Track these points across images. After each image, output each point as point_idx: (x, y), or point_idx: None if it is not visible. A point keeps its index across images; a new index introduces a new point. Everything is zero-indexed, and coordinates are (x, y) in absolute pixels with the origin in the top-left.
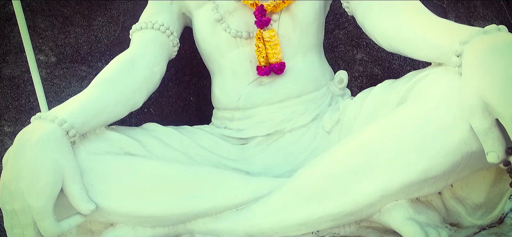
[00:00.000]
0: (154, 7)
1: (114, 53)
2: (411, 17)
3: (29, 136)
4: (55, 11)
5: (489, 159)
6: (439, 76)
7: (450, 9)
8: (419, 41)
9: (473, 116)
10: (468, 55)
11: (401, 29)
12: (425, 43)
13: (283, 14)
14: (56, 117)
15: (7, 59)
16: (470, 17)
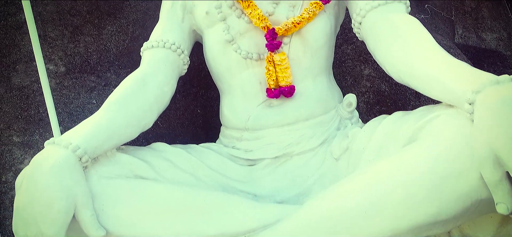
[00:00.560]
0: (165, 24)
1: (122, 63)
2: (423, 53)
3: (43, 162)
4: (65, 20)
5: (499, 209)
6: (451, 119)
7: (458, 20)
8: (432, 82)
9: (484, 167)
10: (480, 105)
11: (413, 66)
12: (438, 85)
13: (294, 37)
14: (70, 143)
15: (17, 68)
16: (477, 28)
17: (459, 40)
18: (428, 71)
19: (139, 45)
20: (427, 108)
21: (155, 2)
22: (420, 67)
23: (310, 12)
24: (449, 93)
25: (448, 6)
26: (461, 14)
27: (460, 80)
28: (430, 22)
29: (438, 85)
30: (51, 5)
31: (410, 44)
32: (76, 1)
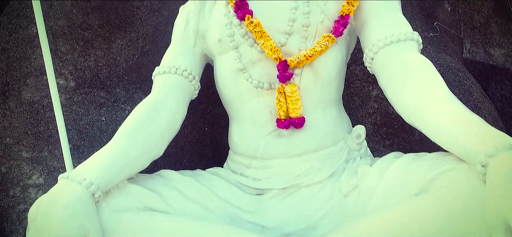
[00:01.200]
0: (177, 49)
1: (132, 79)
2: (437, 103)
3: (58, 198)
4: (76, 34)
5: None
6: (463, 177)
7: (466, 35)
8: (444, 135)
9: (495, 233)
10: (494, 170)
11: (425, 114)
12: (450, 139)
13: (305, 69)
14: (84, 179)
15: (28, 82)
16: (485, 44)
17: (466, 55)
18: (441, 123)
19: (149, 61)
20: (439, 157)
21: (165, 17)
22: (433, 118)
23: (323, 46)
24: (462, 150)
25: (457, 23)
26: (470, 29)
27: (474, 139)
28: (439, 41)
29: (450, 139)
30: (62, 19)
31: (423, 90)
32: (88, 15)
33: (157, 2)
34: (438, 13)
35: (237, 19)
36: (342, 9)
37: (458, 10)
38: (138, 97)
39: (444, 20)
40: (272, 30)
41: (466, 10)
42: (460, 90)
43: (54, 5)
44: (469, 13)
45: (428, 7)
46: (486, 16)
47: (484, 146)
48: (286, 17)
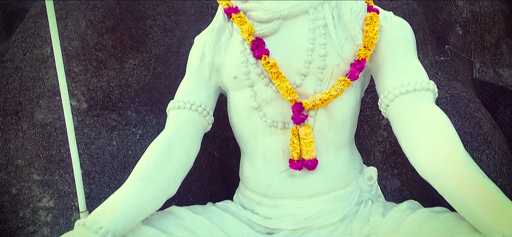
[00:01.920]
0: (191, 83)
1: (143, 100)
2: (453, 165)
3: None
4: (90, 55)
5: None
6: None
7: (476, 55)
8: (460, 201)
9: None
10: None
11: (441, 175)
12: (466, 208)
13: (320, 111)
14: (100, 227)
15: (40, 102)
16: (495, 64)
17: (476, 74)
18: (457, 189)
19: (161, 83)
20: (454, 220)
21: (178, 38)
22: (449, 181)
23: (338, 90)
24: (478, 223)
25: (468, 47)
26: (480, 49)
27: (490, 213)
28: (449, 65)
29: (466, 208)
30: (76, 40)
31: (439, 151)
32: (102, 36)
33: (170, 22)
34: (449, 36)
35: (254, 58)
36: (359, 53)
37: (469, 31)
38: (149, 120)
39: (455, 44)
40: (288, 70)
41: (477, 30)
42: (470, 123)
43: (68, 26)
44: (480, 33)
45: (440, 30)
46: (497, 36)
47: (500, 224)
48: (303, 59)
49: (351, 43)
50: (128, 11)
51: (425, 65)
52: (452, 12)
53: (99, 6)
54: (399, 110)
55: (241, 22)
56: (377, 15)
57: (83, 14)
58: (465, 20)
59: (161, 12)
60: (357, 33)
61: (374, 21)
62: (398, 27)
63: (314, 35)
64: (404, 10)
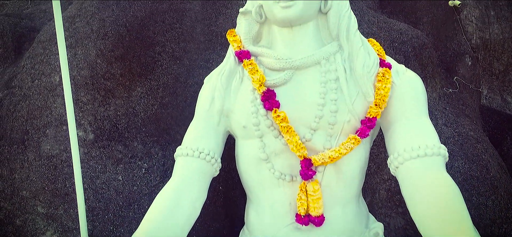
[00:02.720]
0: (200, 128)
1: (149, 131)
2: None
3: None
4: (98, 84)
5: None
6: None
7: (484, 81)
8: None
9: None
10: None
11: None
12: None
13: (328, 166)
14: None
15: (47, 132)
16: (503, 91)
17: (483, 101)
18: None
19: (168, 114)
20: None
21: (186, 68)
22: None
23: (348, 148)
24: None
25: (477, 78)
26: (488, 75)
27: None
28: (457, 97)
29: None
30: (86, 70)
31: (448, 228)
32: (111, 65)
33: (179, 50)
34: (458, 67)
35: (264, 109)
36: (370, 110)
37: (478, 58)
38: (155, 153)
39: (464, 75)
40: (298, 124)
41: (486, 57)
42: (477, 166)
43: (78, 54)
44: (489, 60)
45: (449, 60)
46: (506, 64)
47: None
48: (313, 113)
49: (362, 99)
50: (137, 39)
51: (433, 99)
52: (462, 42)
53: (110, 34)
54: (409, 175)
55: (252, 71)
56: (389, 72)
57: (94, 42)
58: (474, 46)
59: (170, 38)
60: (369, 90)
61: (386, 78)
62: (410, 84)
63: (325, 89)
64: (413, 43)
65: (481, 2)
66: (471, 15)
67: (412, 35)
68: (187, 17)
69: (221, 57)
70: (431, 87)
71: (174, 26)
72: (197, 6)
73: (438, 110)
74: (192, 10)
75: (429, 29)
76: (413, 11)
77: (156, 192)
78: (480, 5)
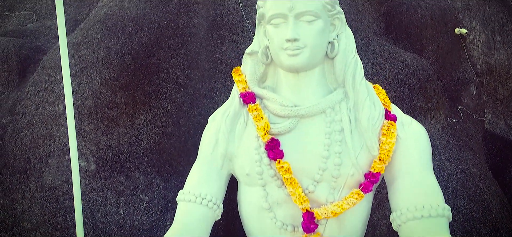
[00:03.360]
0: (203, 171)
1: (152, 161)
2: None
3: None
4: (102, 114)
5: None
6: None
7: (488, 106)
8: None
9: None
10: None
11: None
12: None
13: (331, 219)
14: None
15: (50, 162)
16: (507, 116)
17: (487, 125)
18: None
19: (170, 144)
20: None
21: (190, 96)
22: None
23: (350, 203)
24: None
25: (481, 107)
26: (493, 100)
27: None
28: (461, 128)
29: None
30: (90, 99)
31: None
32: (115, 94)
33: (184, 77)
34: (463, 96)
35: (268, 158)
36: (374, 165)
37: (483, 83)
38: (156, 185)
39: (468, 104)
40: (301, 174)
41: (491, 82)
42: (479, 206)
43: (83, 83)
44: (493, 85)
45: (454, 89)
46: (510, 89)
47: None
48: (317, 165)
49: (366, 152)
50: (142, 66)
51: (437, 131)
52: (467, 70)
53: (115, 63)
54: (411, 235)
55: (257, 117)
56: (394, 125)
57: (99, 71)
58: (479, 71)
59: (175, 65)
60: (373, 143)
61: (391, 132)
62: (415, 139)
63: (330, 140)
64: (419, 75)
65: (488, 27)
66: (477, 40)
67: (417, 66)
68: (192, 42)
69: (225, 86)
70: (435, 119)
71: (179, 51)
72: (202, 31)
73: (441, 144)
74: (197, 35)
75: (435, 57)
76: (418, 39)
77: (156, 227)
78: (486, 30)
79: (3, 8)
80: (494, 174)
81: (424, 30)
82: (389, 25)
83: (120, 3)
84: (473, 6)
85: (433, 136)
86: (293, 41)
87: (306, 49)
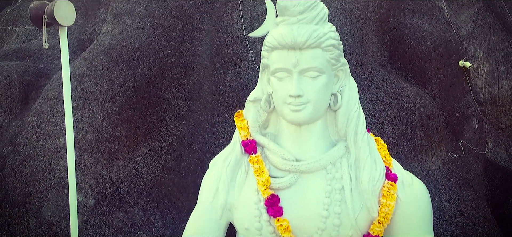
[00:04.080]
0: (202, 220)
1: (151, 196)
2: None
3: None
4: (103, 148)
5: None
6: None
7: (490, 135)
8: None
9: None
10: None
11: None
12: None
13: None
14: None
15: (49, 197)
16: (508, 145)
17: (488, 154)
18: None
19: (170, 180)
20: None
21: (191, 130)
22: None
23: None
24: None
25: (482, 141)
26: (495, 129)
27: None
28: (462, 163)
29: None
30: (91, 133)
31: None
32: (117, 127)
33: (186, 108)
34: (465, 130)
35: (267, 214)
36: (373, 227)
37: (485, 111)
38: (155, 221)
39: (470, 139)
40: (300, 232)
41: (493, 111)
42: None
43: (84, 117)
44: (496, 114)
45: (456, 123)
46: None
47: None
48: (316, 225)
49: (366, 212)
50: (144, 98)
51: (438, 168)
52: (470, 103)
53: (117, 97)
54: None
55: (258, 171)
56: (395, 186)
57: (101, 105)
58: (482, 100)
59: (177, 95)
60: (373, 205)
61: (391, 193)
62: (416, 202)
63: (329, 200)
64: (421, 113)
65: (492, 56)
66: (481, 68)
67: (420, 104)
68: (195, 72)
69: (226, 121)
70: (436, 156)
71: (182, 81)
72: (206, 60)
73: (442, 183)
74: (200, 64)
75: (438, 90)
76: (422, 71)
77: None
78: (490, 59)
79: (7, 22)
80: (494, 206)
81: (428, 62)
82: (393, 55)
83: (124, 31)
84: (478, 34)
85: (434, 174)
86: (296, 97)
87: (309, 105)
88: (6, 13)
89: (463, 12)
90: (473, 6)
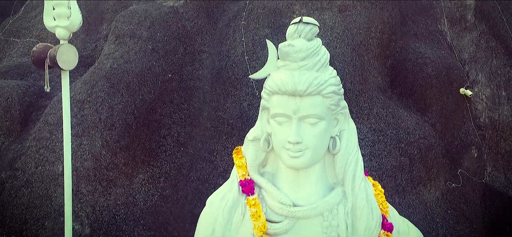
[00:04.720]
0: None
1: (147, 224)
2: None
3: None
4: (100, 176)
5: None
6: None
7: (489, 159)
8: None
9: None
10: None
11: None
12: None
13: None
14: None
15: (46, 225)
16: (507, 170)
17: (486, 178)
18: None
19: (167, 208)
20: None
21: (190, 157)
22: None
23: None
24: None
25: (481, 170)
26: (494, 153)
27: None
28: (460, 193)
29: None
30: (89, 161)
31: None
32: (115, 155)
33: (185, 134)
34: (464, 159)
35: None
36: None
37: (485, 136)
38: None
39: (469, 167)
40: None
41: (493, 136)
42: None
43: (83, 145)
44: (496, 139)
45: (454, 151)
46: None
47: None
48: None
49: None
50: (144, 125)
51: (436, 199)
52: (469, 131)
53: (117, 124)
54: None
55: (255, 215)
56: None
57: (100, 133)
58: (482, 125)
59: (177, 121)
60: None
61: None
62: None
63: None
64: (420, 145)
65: (493, 81)
66: (482, 93)
67: (419, 135)
68: (196, 97)
69: (225, 149)
70: (435, 187)
71: (182, 106)
72: (206, 84)
73: (440, 216)
74: (201, 89)
75: (438, 118)
76: (423, 98)
77: None
78: (491, 84)
79: (9, 33)
80: (491, 233)
81: (428, 89)
82: (394, 80)
83: (126, 55)
84: (480, 58)
85: (431, 206)
86: (295, 144)
87: (308, 151)
88: (8, 24)
89: (466, 35)
90: (476, 29)
